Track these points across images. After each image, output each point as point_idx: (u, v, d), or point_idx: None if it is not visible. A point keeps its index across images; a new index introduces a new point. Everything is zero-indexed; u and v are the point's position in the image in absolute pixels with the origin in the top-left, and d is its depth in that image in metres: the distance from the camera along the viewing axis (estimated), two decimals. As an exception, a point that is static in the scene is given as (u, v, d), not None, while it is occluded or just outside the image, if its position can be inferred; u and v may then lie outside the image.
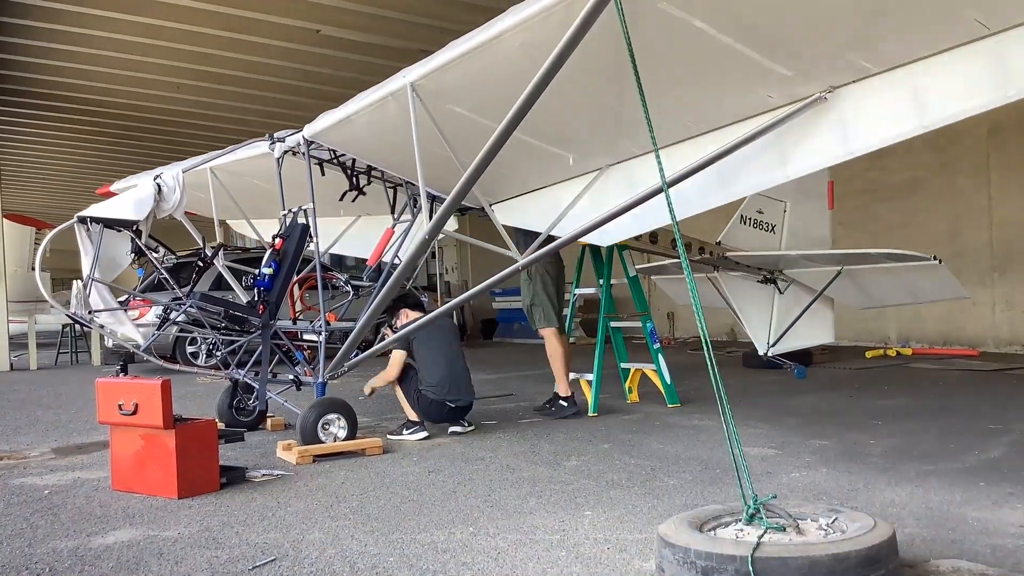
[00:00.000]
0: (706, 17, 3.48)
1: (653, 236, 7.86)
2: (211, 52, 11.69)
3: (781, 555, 2.43)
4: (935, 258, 7.53)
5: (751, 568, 2.37)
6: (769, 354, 8.59)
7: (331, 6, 10.40)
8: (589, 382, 6.88)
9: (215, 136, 15.23)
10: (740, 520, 2.79)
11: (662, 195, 3.34)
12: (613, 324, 7.46)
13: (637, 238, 7.53)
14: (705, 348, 3.08)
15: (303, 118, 6.09)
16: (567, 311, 7.45)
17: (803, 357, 9.11)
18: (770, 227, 8.66)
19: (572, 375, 7.16)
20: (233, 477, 4.62)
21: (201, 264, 6.07)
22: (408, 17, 10.75)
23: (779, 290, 8.66)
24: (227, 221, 8.20)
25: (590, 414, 6.61)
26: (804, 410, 6.58)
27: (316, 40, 11.37)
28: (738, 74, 3.92)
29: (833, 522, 2.73)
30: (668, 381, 7.02)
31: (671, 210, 3.23)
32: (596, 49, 3.62)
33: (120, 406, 4.45)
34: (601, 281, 7.13)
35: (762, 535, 2.61)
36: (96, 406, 4.67)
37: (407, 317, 5.94)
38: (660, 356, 7.07)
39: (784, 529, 2.67)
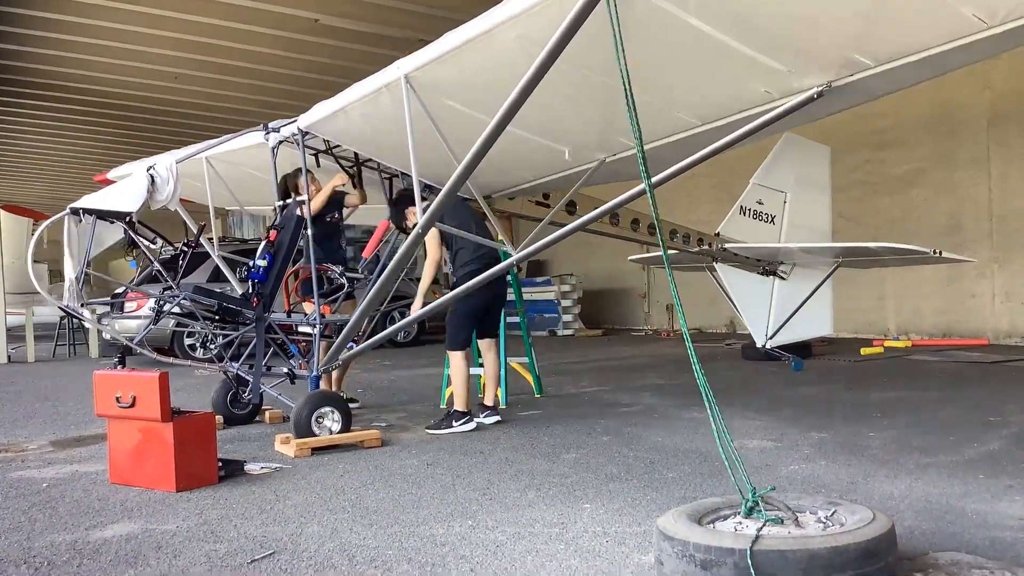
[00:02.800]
0: (701, 12, 3.46)
1: (651, 228, 7.84)
2: (209, 41, 11.64)
3: (780, 548, 2.42)
4: (934, 251, 7.52)
5: (750, 561, 2.36)
6: (768, 346, 8.58)
7: (329, -5, 10.36)
8: (523, 365, 7.29)
9: (213, 125, 15.18)
10: (739, 513, 2.78)
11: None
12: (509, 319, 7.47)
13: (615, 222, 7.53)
14: (689, 348, 3.07)
15: (301, 107, 6.06)
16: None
17: (801, 349, 9.11)
18: (770, 218, 8.63)
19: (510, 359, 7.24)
20: (231, 470, 4.60)
21: (186, 249, 6.00)
22: (407, 6, 10.72)
23: (782, 277, 8.63)
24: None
25: (535, 396, 7.01)
26: (803, 402, 6.58)
27: (314, 29, 11.33)
28: (734, 69, 3.90)
29: (832, 515, 2.72)
30: (536, 373, 7.39)
31: (654, 208, 3.19)
32: (591, 43, 3.59)
33: (118, 398, 4.43)
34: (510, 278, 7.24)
35: (761, 528, 2.60)
36: (94, 398, 4.65)
37: (413, 215, 5.64)
38: (531, 349, 7.46)
39: (783, 522, 2.66)
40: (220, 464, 4.54)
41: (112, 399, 4.45)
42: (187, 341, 11.15)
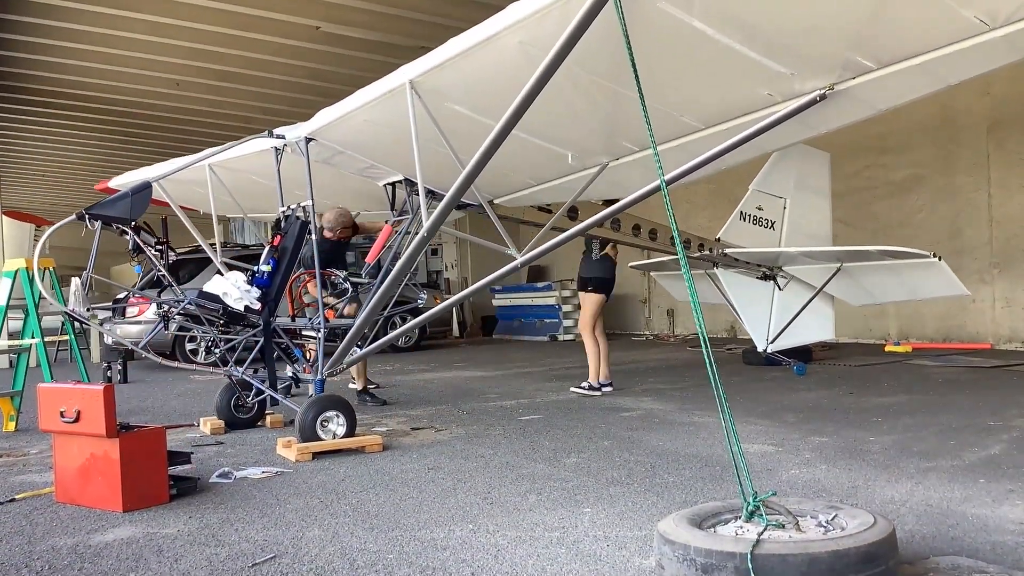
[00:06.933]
0: (705, 16, 3.48)
1: (653, 233, 7.86)
2: (212, 49, 11.69)
3: (781, 552, 2.43)
4: (934, 255, 7.53)
5: (750, 565, 2.37)
6: (769, 351, 8.59)
7: (331, 3, 10.40)
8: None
9: (214, 132, 15.23)
10: (740, 517, 2.79)
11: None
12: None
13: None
14: (704, 347, 3.08)
15: (303, 115, 6.09)
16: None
17: (803, 354, 9.12)
18: (770, 223, 8.65)
19: None
20: (184, 488, 4.31)
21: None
22: (409, 14, 10.76)
23: (778, 287, 8.66)
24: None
25: None
26: (804, 407, 6.58)
27: (316, 37, 11.37)
28: (737, 72, 3.92)
29: (833, 519, 2.73)
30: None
31: (669, 210, 3.22)
32: (595, 47, 3.62)
33: (62, 413, 4.17)
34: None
35: (762, 532, 2.61)
36: (38, 413, 4.39)
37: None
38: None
39: (784, 526, 2.67)
40: (172, 482, 4.26)
41: (56, 413, 4.19)
42: (188, 346, 11.16)
